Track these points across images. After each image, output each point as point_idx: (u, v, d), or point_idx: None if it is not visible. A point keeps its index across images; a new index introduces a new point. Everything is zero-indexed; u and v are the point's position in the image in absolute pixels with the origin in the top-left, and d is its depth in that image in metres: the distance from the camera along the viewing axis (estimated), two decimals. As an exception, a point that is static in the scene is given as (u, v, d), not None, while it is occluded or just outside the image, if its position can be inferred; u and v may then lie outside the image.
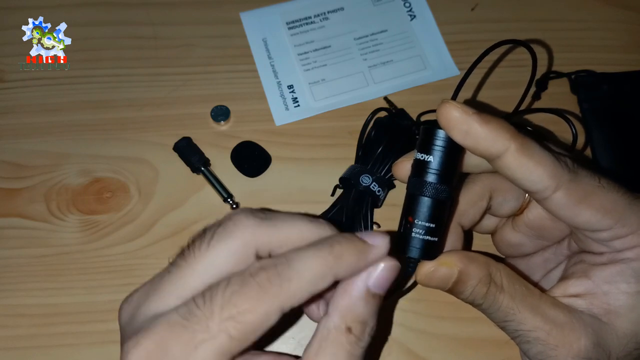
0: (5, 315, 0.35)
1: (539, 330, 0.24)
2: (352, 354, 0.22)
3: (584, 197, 0.24)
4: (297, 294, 0.21)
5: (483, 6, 0.46)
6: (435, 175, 0.25)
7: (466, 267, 0.25)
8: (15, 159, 0.40)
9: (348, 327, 0.22)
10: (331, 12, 0.45)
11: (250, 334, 0.21)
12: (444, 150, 0.25)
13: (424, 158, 0.25)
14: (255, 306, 0.21)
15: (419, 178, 0.25)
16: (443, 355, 0.35)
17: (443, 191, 0.25)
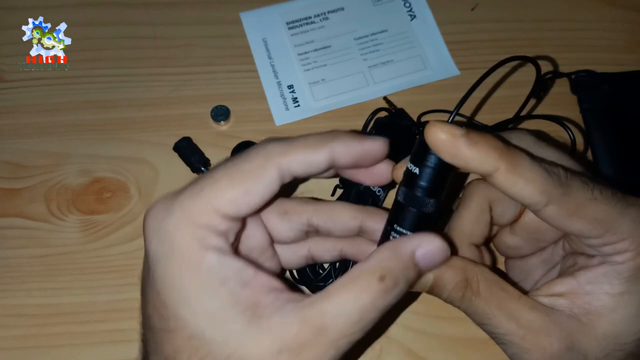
0: (5, 315, 0.35)
1: (513, 335, 0.25)
2: (374, 302, 0.23)
3: (575, 210, 0.24)
4: (295, 160, 0.25)
5: (483, 6, 0.46)
6: (424, 189, 0.25)
7: (442, 274, 0.25)
8: (15, 159, 0.40)
9: (382, 276, 0.23)
10: (331, 12, 0.45)
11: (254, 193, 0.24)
12: (434, 167, 0.25)
13: (415, 170, 0.25)
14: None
15: (407, 188, 0.25)
16: (443, 355, 0.35)
17: (429, 204, 0.25)
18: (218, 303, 0.23)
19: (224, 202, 0.24)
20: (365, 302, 0.23)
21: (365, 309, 0.23)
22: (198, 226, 0.23)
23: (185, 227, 0.23)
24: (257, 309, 0.23)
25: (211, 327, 0.22)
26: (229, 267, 0.23)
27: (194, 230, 0.23)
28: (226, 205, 0.24)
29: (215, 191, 0.24)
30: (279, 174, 0.25)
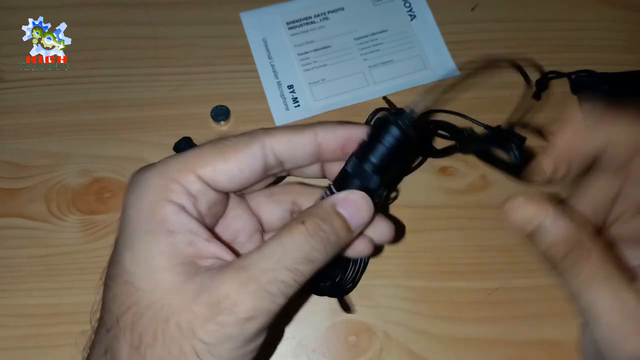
0: (5, 315, 0.35)
1: (611, 315, 0.22)
2: (298, 244, 0.23)
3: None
4: (279, 139, 0.26)
5: (483, 6, 0.46)
6: (373, 165, 0.25)
7: (552, 222, 0.23)
8: (15, 159, 0.40)
9: (303, 220, 0.24)
10: (331, 12, 0.45)
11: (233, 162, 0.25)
12: (390, 147, 0.25)
13: (370, 145, 0.25)
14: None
15: (358, 160, 0.26)
16: (443, 355, 0.35)
17: (374, 181, 0.25)
18: (156, 250, 0.23)
19: (203, 165, 0.25)
20: (285, 241, 0.23)
21: (286, 246, 0.23)
22: (170, 180, 0.24)
23: (158, 178, 0.24)
24: (193, 267, 0.23)
25: (143, 274, 0.23)
26: (182, 223, 0.24)
27: (165, 182, 0.24)
28: (204, 168, 0.25)
29: (197, 156, 0.25)
30: (262, 151, 0.26)
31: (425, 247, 0.37)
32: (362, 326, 0.36)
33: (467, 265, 0.37)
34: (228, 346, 0.22)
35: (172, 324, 0.22)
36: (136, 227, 0.24)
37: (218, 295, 0.22)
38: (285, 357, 0.35)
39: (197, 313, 0.22)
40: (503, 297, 0.36)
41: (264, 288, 0.22)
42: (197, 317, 0.22)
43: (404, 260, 0.37)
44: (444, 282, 0.37)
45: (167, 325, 0.22)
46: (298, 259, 0.23)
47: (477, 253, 0.37)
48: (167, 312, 0.22)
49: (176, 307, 0.22)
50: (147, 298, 0.22)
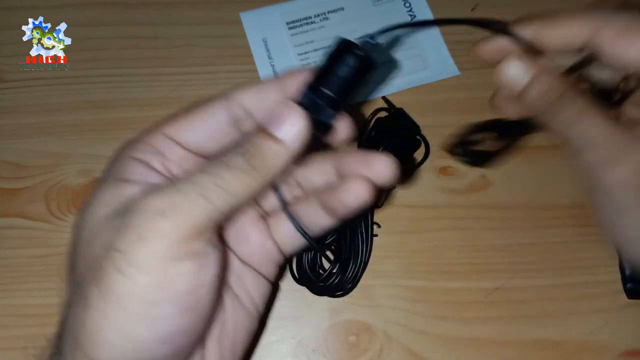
0: (5, 315, 0.35)
1: (603, 139, 0.23)
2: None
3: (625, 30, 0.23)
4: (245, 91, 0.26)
5: (483, 6, 0.46)
6: (328, 98, 0.24)
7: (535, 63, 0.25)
8: (15, 159, 0.40)
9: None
10: (331, 12, 0.45)
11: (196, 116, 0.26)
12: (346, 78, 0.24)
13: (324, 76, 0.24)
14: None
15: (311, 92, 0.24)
16: (443, 355, 0.35)
17: (330, 115, 0.24)
18: (104, 199, 0.23)
19: (168, 125, 0.25)
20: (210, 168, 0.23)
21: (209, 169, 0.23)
22: (138, 142, 0.25)
23: (129, 144, 0.25)
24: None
25: (89, 219, 0.23)
26: (140, 174, 0.24)
27: (133, 144, 0.25)
28: (169, 127, 0.25)
29: (165, 120, 0.26)
30: (225, 103, 0.26)
31: (425, 247, 0.37)
32: (362, 326, 0.36)
33: (467, 265, 0.37)
34: (146, 252, 0.21)
35: (95, 246, 0.22)
36: (96, 188, 0.24)
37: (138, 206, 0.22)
38: (285, 357, 0.35)
39: (115, 225, 0.22)
40: (503, 297, 0.36)
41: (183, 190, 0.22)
42: (116, 229, 0.22)
43: (404, 260, 0.37)
44: (444, 282, 0.37)
45: (91, 247, 0.22)
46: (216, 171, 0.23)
47: (477, 253, 0.37)
48: (93, 239, 0.22)
49: (99, 229, 0.22)
50: (87, 234, 0.23)
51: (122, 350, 0.21)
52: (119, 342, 0.21)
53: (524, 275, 0.37)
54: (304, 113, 0.23)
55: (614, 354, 0.35)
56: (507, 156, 0.40)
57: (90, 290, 0.21)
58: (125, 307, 0.21)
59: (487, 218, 0.38)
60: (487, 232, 0.38)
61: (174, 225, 0.21)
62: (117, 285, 0.21)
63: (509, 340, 0.36)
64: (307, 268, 0.35)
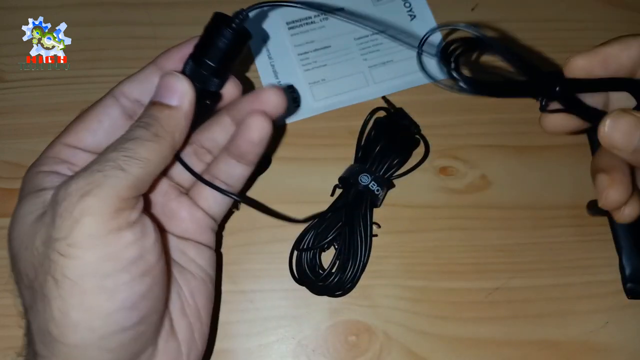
0: (5, 315, 0.35)
1: None
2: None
3: None
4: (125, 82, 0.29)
5: (483, 6, 0.46)
6: (212, 68, 0.27)
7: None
8: (15, 159, 0.40)
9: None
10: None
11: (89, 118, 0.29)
12: (225, 49, 0.26)
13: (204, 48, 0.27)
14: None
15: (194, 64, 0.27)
16: (443, 355, 0.35)
17: (215, 84, 0.27)
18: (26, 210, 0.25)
19: (65, 135, 0.28)
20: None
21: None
22: (44, 158, 0.27)
23: (36, 164, 0.27)
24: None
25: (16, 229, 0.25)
26: (53, 181, 0.26)
27: (41, 161, 0.27)
28: (66, 137, 0.28)
29: (62, 132, 0.28)
30: (113, 99, 0.28)
31: (425, 247, 0.37)
32: (362, 326, 0.36)
33: (467, 265, 0.37)
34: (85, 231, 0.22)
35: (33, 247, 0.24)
36: (18, 206, 0.26)
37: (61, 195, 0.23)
38: (285, 357, 0.35)
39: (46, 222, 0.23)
40: (503, 297, 0.36)
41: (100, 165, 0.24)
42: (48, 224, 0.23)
43: (404, 260, 0.37)
44: (443, 282, 0.37)
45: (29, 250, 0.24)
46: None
47: (477, 253, 0.37)
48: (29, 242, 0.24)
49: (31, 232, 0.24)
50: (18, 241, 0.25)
51: (91, 326, 0.23)
52: (86, 320, 0.23)
53: (524, 275, 0.37)
54: (184, 76, 0.26)
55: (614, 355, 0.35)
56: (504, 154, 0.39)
57: (46, 286, 0.23)
58: (82, 286, 0.22)
59: (487, 218, 0.38)
60: (487, 232, 0.38)
61: (101, 201, 0.23)
62: (68, 269, 0.22)
63: (509, 340, 0.36)
64: (306, 268, 0.35)
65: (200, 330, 0.29)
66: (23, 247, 0.24)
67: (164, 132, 0.25)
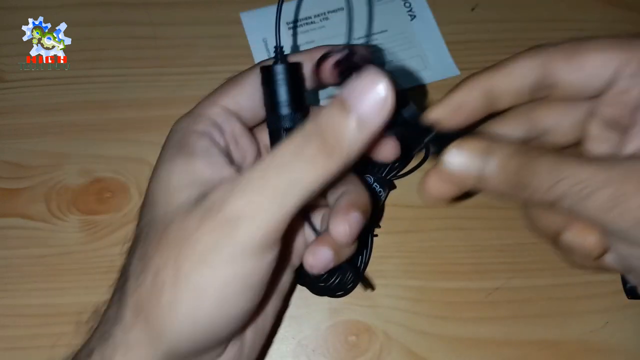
0: (5, 315, 0.35)
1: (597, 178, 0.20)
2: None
3: None
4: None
5: (483, 6, 0.46)
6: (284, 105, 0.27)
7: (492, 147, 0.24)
8: (15, 159, 0.40)
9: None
10: (331, 12, 0.45)
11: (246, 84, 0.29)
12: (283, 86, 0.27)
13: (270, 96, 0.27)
14: None
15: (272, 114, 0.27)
16: (443, 355, 0.35)
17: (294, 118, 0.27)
18: (175, 171, 0.25)
19: (224, 97, 0.28)
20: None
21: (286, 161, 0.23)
22: (197, 115, 0.27)
23: (188, 116, 0.27)
24: (208, 188, 0.23)
25: (162, 192, 0.24)
26: (203, 148, 0.25)
27: (193, 117, 0.27)
28: (226, 99, 0.28)
29: (219, 91, 0.28)
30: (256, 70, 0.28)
31: (425, 247, 0.37)
32: (362, 326, 0.36)
33: (467, 265, 0.37)
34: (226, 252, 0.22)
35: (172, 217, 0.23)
36: (163, 157, 0.26)
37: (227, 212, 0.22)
38: (285, 357, 0.35)
39: (196, 216, 0.22)
40: (503, 297, 0.36)
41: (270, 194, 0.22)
42: (196, 219, 0.22)
43: (403, 260, 0.37)
44: (443, 282, 0.37)
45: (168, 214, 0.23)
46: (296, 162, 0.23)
47: (477, 253, 0.37)
48: (176, 227, 0.23)
49: (182, 217, 0.23)
50: (161, 211, 0.24)
51: (190, 330, 0.23)
52: (189, 324, 0.22)
53: (524, 275, 0.37)
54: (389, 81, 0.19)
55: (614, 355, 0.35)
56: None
57: (165, 272, 0.22)
58: (202, 296, 0.22)
59: (487, 218, 0.38)
60: (487, 232, 0.38)
61: (252, 230, 0.22)
62: (196, 277, 0.22)
63: (509, 340, 0.36)
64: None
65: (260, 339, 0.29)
66: (162, 199, 0.24)
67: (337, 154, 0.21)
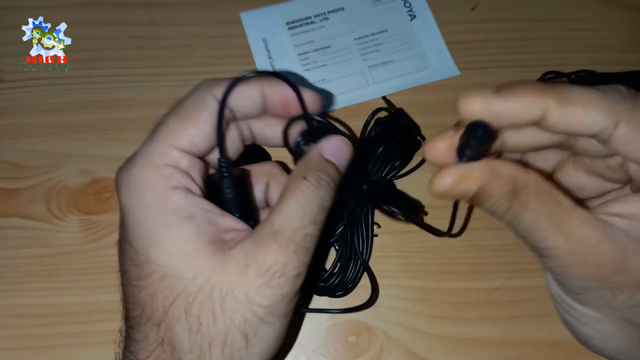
0: (5, 315, 0.35)
1: (559, 249, 0.22)
2: (308, 197, 0.25)
3: None
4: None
5: (483, 6, 0.46)
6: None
7: (488, 183, 0.22)
8: (15, 159, 0.40)
9: (304, 176, 0.26)
10: (331, 12, 0.45)
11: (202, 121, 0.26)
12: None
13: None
14: None
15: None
16: (443, 355, 0.35)
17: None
18: (185, 238, 0.24)
19: (178, 137, 0.25)
20: (300, 199, 0.25)
21: (303, 203, 0.25)
22: (160, 167, 0.25)
23: (148, 170, 0.25)
24: (221, 244, 0.24)
25: (180, 263, 0.24)
26: (195, 205, 0.25)
27: (157, 171, 0.25)
28: (181, 140, 0.25)
29: (168, 131, 0.26)
30: (215, 102, 0.26)
31: (425, 247, 0.37)
32: (362, 326, 0.36)
33: (467, 265, 0.37)
34: (284, 303, 0.24)
35: (228, 299, 0.23)
36: (152, 224, 0.24)
37: (267, 264, 0.24)
38: (286, 357, 0.35)
39: (251, 283, 0.23)
40: (503, 297, 0.36)
41: (302, 245, 0.24)
42: (252, 287, 0.23)
43: (404, 260, 0.37)
44: (444, 282, 0.37)
45: (225, 301, 0.23)
46: (316, 211, 0.25)
47: (477, 253, 0.37)
48: (219, 291, 0.23)
49: (228, 284, 0.23)
50: (192, 284, 0.23)
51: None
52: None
53: (524, 275, 0.37)
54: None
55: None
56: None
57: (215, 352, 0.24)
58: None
59: (487, 218, 0.38)
60: (487, 232, 0.38)
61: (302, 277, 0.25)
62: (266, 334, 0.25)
63: (509, 340, 0.36)
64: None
65: None
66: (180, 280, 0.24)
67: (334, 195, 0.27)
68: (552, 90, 0.22)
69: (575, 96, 0.21)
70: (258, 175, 0.31)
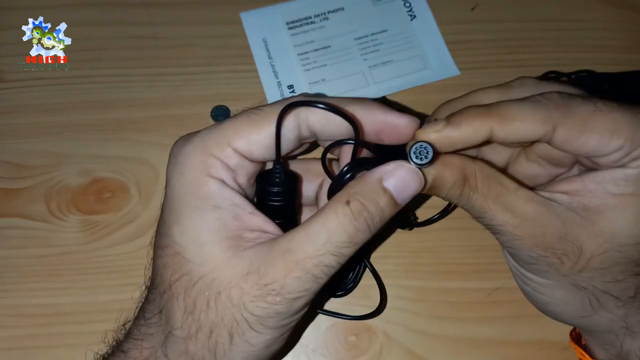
0: (5, 315, 0.35)
1: (507, 224, 0.25)
2: (342, 225, 0.24)
3: (583, 126, 0.24)
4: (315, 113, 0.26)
5: (483, 6, 0.46)
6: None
7: (440, 172, 0.25)
8: (15, 159, 0.40)
9: (347, 200, 0.24)
10: (331, 12, 0.45)
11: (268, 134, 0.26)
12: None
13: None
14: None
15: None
16: (443, 355, 0.35)
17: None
18: (204, 225, 0.24)
19: (238, 138, 0.25)
20: (329, 225, 0.24)
21: (330, 230, 0.23)
22: (209, 155, 0.25)
23: (198, 153, 0.25)
24: (239, 241, 0.24)
25: (193, 248, 0.24)
26: (226, 197, 0.25)
27: (204, 157, 0.25)
28: (239, 140, 0.25)
29: (232, 128, 0.25)
30: (295, 122, 0.26)
31: (425, 247, 0.37)
32: (362, 326, 0.36)
33: (467, 265, 0.37)
34: (276, 319, 0.24)
35: (223, 296, 0.24)
36: (182, 202, 0.25)
37: (267, 279, 0.23)
38: (285, 357, 0.35)
39: (247, 291, 0.23)
40: (503, 297, 0.36)
41: (310, 272, 0.24)
42: (248, 294, 0.23)
43: (404, 260, 0.37)
44: (443, 282, 0.37)
45: (220, 296, 0.24)
46: (343, 243, 0.24)
47: (477, 253, 0.37)
48: (218, 285, 0.24)
49: (227, 282, 0.24)
50: (197, 270, 0.24)
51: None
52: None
53: (524, 275, 0.37)
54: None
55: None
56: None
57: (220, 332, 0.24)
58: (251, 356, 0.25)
59: (487, 218, 0.38)
60: (487, 232, 0.38)
61: (301, 302, 0.25)
62: (249, 339, 0.24)
63: (509, 340, 0.36)
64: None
65: None
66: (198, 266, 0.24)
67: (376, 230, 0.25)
68: (492, 113, 0.24)
69: (513, 113, 0.24)
70: (314, 174, 0.31)
